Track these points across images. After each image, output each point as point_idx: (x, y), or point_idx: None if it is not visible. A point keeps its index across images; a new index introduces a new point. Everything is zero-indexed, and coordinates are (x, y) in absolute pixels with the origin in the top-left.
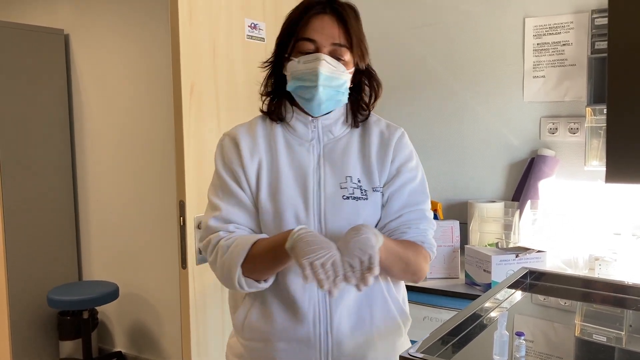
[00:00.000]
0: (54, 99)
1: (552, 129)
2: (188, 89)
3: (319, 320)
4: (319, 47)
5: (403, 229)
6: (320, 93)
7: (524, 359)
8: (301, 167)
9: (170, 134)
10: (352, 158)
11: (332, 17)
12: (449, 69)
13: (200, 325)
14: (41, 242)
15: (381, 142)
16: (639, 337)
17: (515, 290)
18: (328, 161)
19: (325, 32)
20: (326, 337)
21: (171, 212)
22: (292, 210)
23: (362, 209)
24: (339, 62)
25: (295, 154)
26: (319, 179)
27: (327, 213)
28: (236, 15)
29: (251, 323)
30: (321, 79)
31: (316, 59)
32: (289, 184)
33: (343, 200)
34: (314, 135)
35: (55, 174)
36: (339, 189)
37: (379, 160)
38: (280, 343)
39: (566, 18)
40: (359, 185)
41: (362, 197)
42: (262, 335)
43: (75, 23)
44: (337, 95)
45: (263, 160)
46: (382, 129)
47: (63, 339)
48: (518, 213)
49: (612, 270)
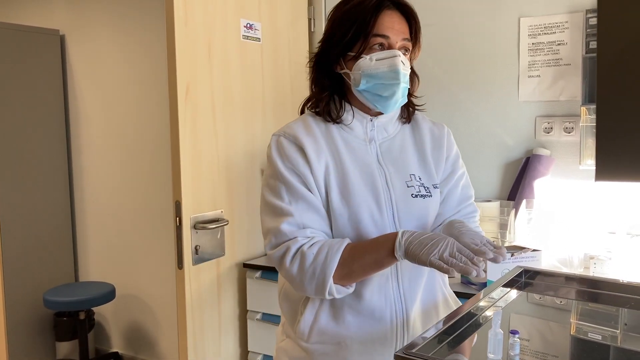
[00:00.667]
0: (49, 100)
1: (547, 128)
2: (184, 89)
3: (396, 319)
4: (392, 43)
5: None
6: (402, 90)
7: (518, 357)
8: (366, 167)
9: (166, 135)
10: (411, 156)
11: (399, 12)
12: (444, 68)
13: (196, 325)
14: (37, 243)
15: (433, 140)
16: (634, 335)
17: (510, 289)
18: (389, 160)
19: (396, 27)
20: (402, 335)
21: (167, 213)
22: (367, 211)
23: (429, 206)
24: (407, 59)
25: (357, 154)
26: (385, 178)
27: (399, 212)
28: (232, 16)
29: (321, 326)
30: (401, 76)
31: (394, 56)
32: (359, 185)
33: (413, 199)
34: (372, 135)
35: (51, 175)
36: (406, 187)
37: (435, 157)
38: (355, 344)
39: (561, 18)
40: (422, 182)
41: (428, 195)
42: (333, 338)
43: (71, 24)
44: (405, 91)
45: (329, 162)
46: (431, 125)
47: (59, 340)
48: (513, 212)
49: (606, 269)
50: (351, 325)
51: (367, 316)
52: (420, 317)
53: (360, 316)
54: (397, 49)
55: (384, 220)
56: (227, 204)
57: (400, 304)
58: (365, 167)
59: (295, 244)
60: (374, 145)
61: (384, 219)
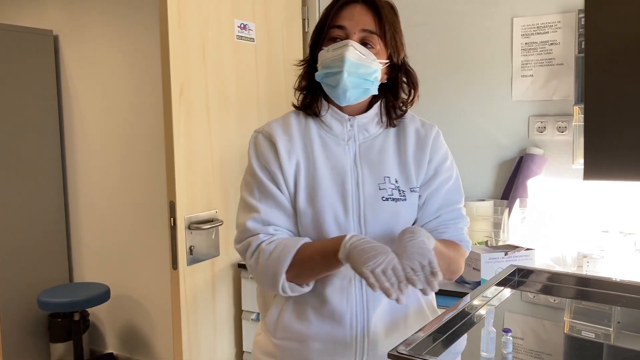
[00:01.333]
0: (43, 100)
1: (541, 127)
2: (178, 90)
3: (356, 322)
4: (349, 33)
5: (442, 229)
6: (345, 79)
7: (511, 355)
8: (339, 167)
9: (160, 135)
10: (389, 158)
11: (363, 6)
12: (438, 68)
13: (191, 325)
14: (31, 244)
15: (417, 141)
16: (626, 333)
17: (504, 288)
18: (365, 161)
19: (355, 18)
20: (362, 339)
21: (162, 213)
22: (332, 213)
23: (401, 210)
24: (368, 51)
25: (331, 154)
26: (357, 179)
27: (366, 215)
28: (225, 16)
29: (285, 323)
30: (347, 65)
31: (344, 45)
32: (328, 186)
33: (382, 202)
34: (351, 134)
35: (45, 175)
36: (377, 189)
37: (416, 159)
38: (316, 343)
39: (553, 18)
40: (397, 185)
41: (401, 198)
42: (297, 336)
43: (64, 24)
44: (365, 84)
45: (301, 161)
46: (418, 127)
47: (54, 342)
48: (507, 211)
49: (599, 268)
50: (313, 325)
51: (328, 317)
52: (384, 324)
53: (322, 317)
54: (358, 40)
55: (348, 223)
56: (222, 205)
57: (362, 309)
58: (338, 167)
59: (256, 241)
60: (353, 146)
61: (348, 221)
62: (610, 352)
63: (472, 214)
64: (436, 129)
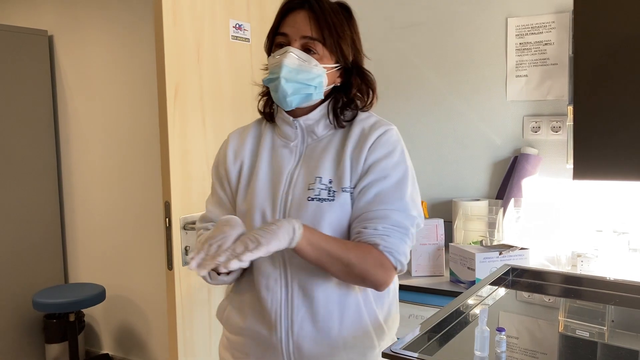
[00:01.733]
0: (38, 101)
1: (535, 127)
2: (173, 90)
3: (280, 322)
4: (290, 40)
5: (359, 229)
6: (283, 85)
7: (505, 354)
8: (278, 168)
9: (155, 135)
10: (327, 158)
11: (307, 12)
12: (433, 68)
13: (187, 326)
14: (26, 245)
15: (359, 140)
16: (620, 332)
17: (498, 287)
18: (305, 162)
19: (297, 25)
20: (287, 340)
21: (157, 213)
22: (260, 212)
23: (326, 211)
24: (310, 56)
25: (277, 156)
26: (290, 180)
27: (291, 214)
28: (220, 16)
29: (229, 316)
30: (283, 72)
31: (284, 52)
32: (262, 187)
33: (307, 202)
34: (297, 135)
35: (41, 176)
36: (306, 190)
37: (353, 159)
38: (250, 339)
39: (547, 18)
40: (329, 186)
41: (328, 199)
42: (237, 330)
43: (59, 24)
44: (306, 89)
45: (245, 163)
46: (365, 126)
47: (49, 342)
48: (502, 211)
49: (593, 267)
50: (247, 320)
51: (258, 313)
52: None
53: (254, 313)
54: (299, 46)
55: None
56: None
57: (286, 309)
58: (278, 169)
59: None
60: (300, 147)
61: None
62: (605, 351)
63: (467, 213)
64: (385, 128)
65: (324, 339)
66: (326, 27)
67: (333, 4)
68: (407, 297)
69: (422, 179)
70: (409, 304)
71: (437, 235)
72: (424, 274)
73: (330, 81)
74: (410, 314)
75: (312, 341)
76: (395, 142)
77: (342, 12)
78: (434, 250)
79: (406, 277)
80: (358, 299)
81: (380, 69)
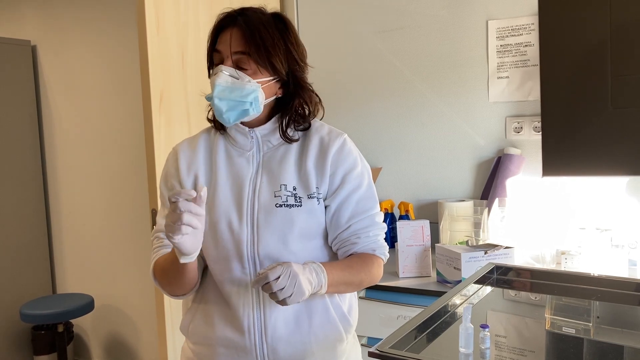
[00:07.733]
0: (22, 111)
1: (517, 128)
2: (157, 98)
3: (254, 327)
4: (223, 57)
5: (353, 240)
6: (217, 104)
7: (489, 350)
8: (238, 177)
9: (141, 143)
10: (289, 166)
11: (237, 28)
12: (416, 71)
13: (176, 333)
14: (13, 255)
15: (320, 150)
16: (605, 327)
17: (482, 286)
18: (265, 170)
19: (229, 42)
20: (261, 344)
21: (144, 221)
22: (226, 221)
23: (295, 217)
24: (242, 73)
25: (234, 165)
26: (254, 188)
27: (259, 221)
28: (204, 24)
29: (196, 327)
30: (216, 91)
31: (217, 71)
32: (225, 195)
33: (276, 208)
34: (253, 145)
35: (26, 186)
36: (273, 197)
37: (317, 167)
38: (221, 348)
39: (527, 20)
40: (294, 193)
41: (296, 205)
42: (204, 340)
43: (42, 34)
44: (242, 105)
45: (200, 173)
46: (323, 135)
47: (38, 354)
48: (487, 211)
49: (577, 264)
50: (217, 329)
51: (230, 322)
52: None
53: (224, 321)
54: (233, 62)
55: (241, 229)
56: None
57: (259, 314)
58: (238, 177)
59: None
60: (257, 156)
61: (242, 227)
62: (590, 347)
63: (453, 214)
64: (343, 138)
65: (297, 338)
66: (254, 42)
67: (266, 18)
68: (394, 298)
69: (408, 181)
70: (396, 305)
71: (424, 237)
72: (411, 275)
73: (268, 94)
74: (398, 314)
75: (286, 342)
76: (354, 149)
77: (277, 24)
78: (420, 251)
79: (393, 279)
80: (324, 297)
81: (363, 72)
